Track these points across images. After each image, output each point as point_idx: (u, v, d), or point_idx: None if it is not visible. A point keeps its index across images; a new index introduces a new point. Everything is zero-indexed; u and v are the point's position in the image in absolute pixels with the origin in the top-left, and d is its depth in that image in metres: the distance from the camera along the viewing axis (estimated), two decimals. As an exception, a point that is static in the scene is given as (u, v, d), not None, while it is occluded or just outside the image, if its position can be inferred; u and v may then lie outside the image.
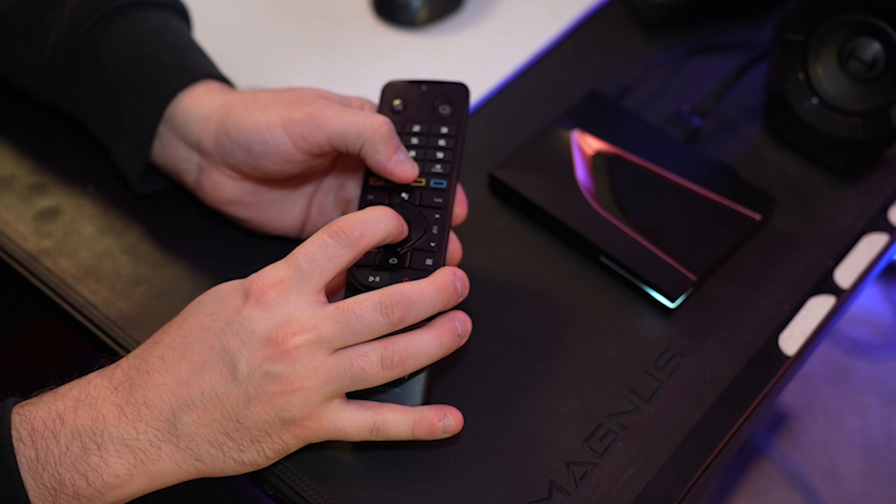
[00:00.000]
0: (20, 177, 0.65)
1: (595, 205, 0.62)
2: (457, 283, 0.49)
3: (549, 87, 0.72)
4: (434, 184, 0.54)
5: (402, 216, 0.51)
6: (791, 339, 0.60)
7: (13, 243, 0.61)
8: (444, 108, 0.56)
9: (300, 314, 0.47)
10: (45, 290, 0.60)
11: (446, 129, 0.55)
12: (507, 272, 0.62)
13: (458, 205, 0.56)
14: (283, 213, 0.59)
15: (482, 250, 0.62)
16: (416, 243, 0.52)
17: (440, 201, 0.53)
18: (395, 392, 0.51)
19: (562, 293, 0.61)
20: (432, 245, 0.52)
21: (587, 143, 0.66)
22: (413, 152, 0.55)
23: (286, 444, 0.48)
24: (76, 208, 0.63)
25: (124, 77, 0.58)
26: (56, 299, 0.59)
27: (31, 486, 0.45)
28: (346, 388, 0.47)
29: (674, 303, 0.59)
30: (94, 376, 0.48)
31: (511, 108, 0.71)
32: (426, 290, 0.48)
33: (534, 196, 0.63)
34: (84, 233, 0.62)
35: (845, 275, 0.63)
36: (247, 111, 0.54)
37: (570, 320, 0.59)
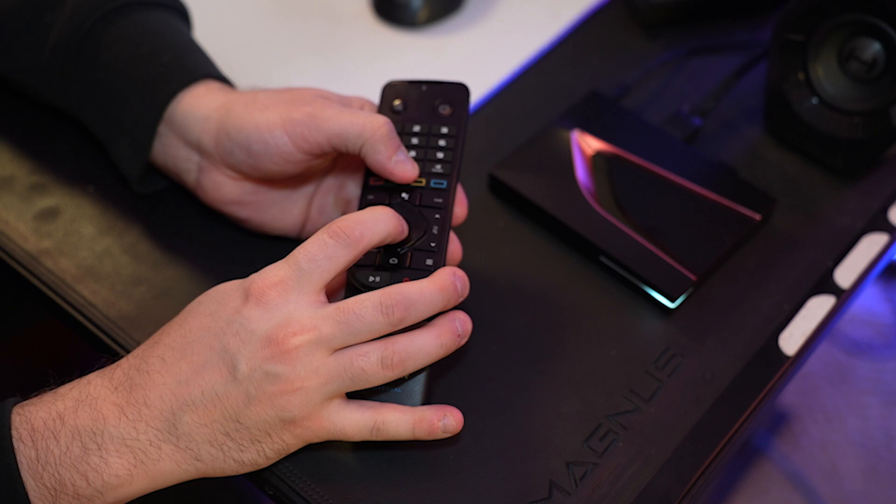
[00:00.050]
0: (20, 177, 0.65)
1: (595, 205, 0.62)
2: (457, 283, 0.49)
3: (549, 87, 0.72)
4: (434, 184, 0.54)
5: (403, 216, 0.51)
6: (791, 339, 0.60)
7: (13, 243, 0.61)
8: (444, 108, 0.56)
9: (300, 314, 0.47)
10: (45, 290, 0.60)
11: (446, 129, 0.55)
12: (507, 272, 0.62)
13: (458, 205, 0.56)
14: (283, 213, 0.59)
15: (482, 250, 0.62)
16: (417, 243, 0.52)
17: (440, 201, 0.53)
18: (395, 392, 0.51)
19: (562, 293, 0.61)
20: (432, 245, 0.52)
21: (587, 143, 0.66)
22: (413, 152, 0.55)
23: (286, 444, 0.48)
24: (76, 208, 0.63)
25: (124, 77, 0.58)
26: (56, 299, 0.59)
27: (32, 486, 0.45)
28: (347, 388, 0.47)
29: (674, 303, 0.59)
30: (94, 376, 0.48)
31: (511, 108, 0.71)
32: (426, 290, 0.48)
33: (534, 196, 0.63)
34: (84, 233, 0.62)
35: (845, 275, 0.63)
36: (247, 111, 0.54)
37: (570, 320, 0.59)
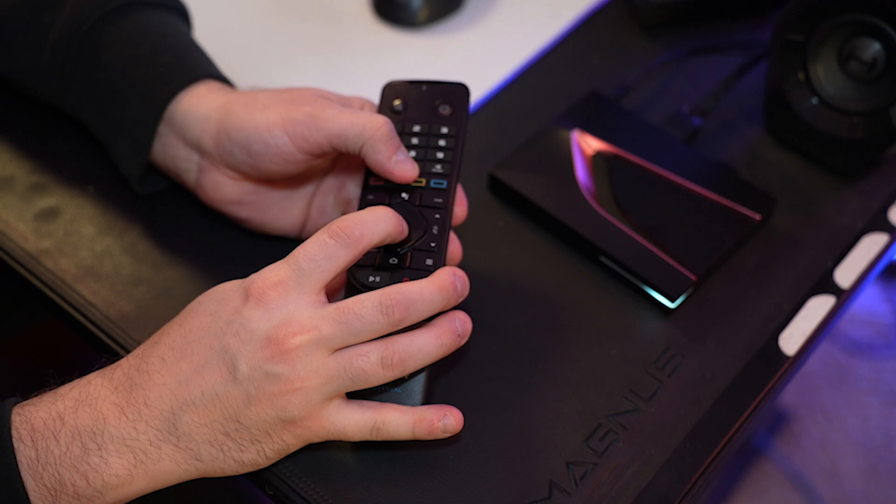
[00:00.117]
0: (20, 177, 0.65)
1: (595, 205, 0.62)
2: (457, 283, 0.49)
3: (549, 87, 0.72)
4: (434, 184, 0.54)
5: (402, 216, 0.51)
6: (791, 339, 0.60)
7: (13, 243, 0.61)
8: (444, 109, 0.56)
9: (300, 314, 0.47)
10: (45, 290, 0.60)
11: (446, 129, 0.55)
12: (507, 272, 0.62)
13: (458, 205, 0.56)
14: (283, 213, 0.59)
15: (482, 250, 0.62)
16: (416, 243, 0.52)
17: (440, 201, 0.53)
18: (395, 392, 0.51)
19: (562, 293, 0.61)
20: (432, 245, 0.52)
21: (587, 143, 0.66)
22: (413, 152, 0.55)
23: (286, 444, 0.48)
24: (76, 208, 0.63)
25: (124, 77, 0.58)
26: (56, 299, 0.59)
27: (32, 486, 0.45)
28: (347, 388, 0.47)
29: (674, 303, 0.59)
30: (94, 376, 0.48)
31: (511, 108, 0.71)
32: (426, 290, 0.48)
33: (534, 196, 0.63)
34: (84, 233, 0.62)
35: (845, 275, 0.63)
36: (247, 111, 0.54)
37: (570, 320, 0.59)
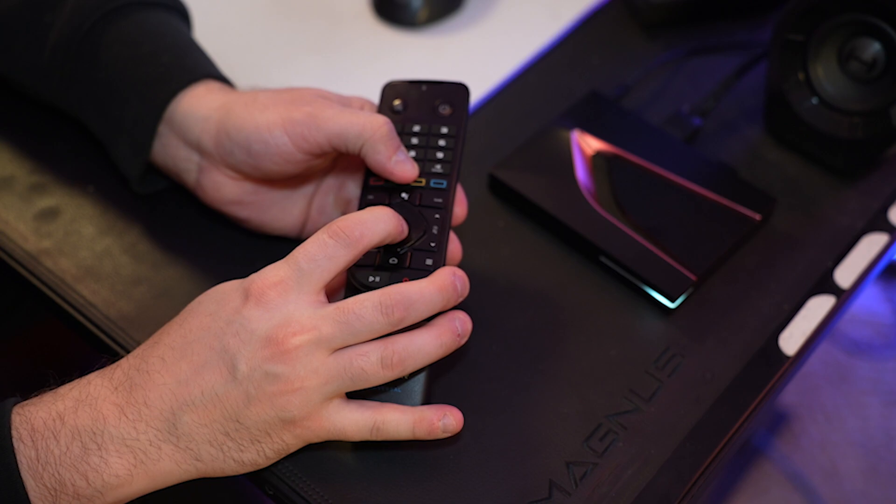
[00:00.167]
0: (20, 177, 0.65)
1: (595, 205, 0.62)
2: (457, 283, 0.49)
3: (549, 87, 0.72)
4: (434, 184, 0.54)
5: (402, 216, 0.51)
6: (791, 339, 0.60)
7: (13, 243, 0.61)
8: (444, 108, 0.56)
9: (300, 314, 0.47)
10: (45, 290, 0.60)
11: (446, 129, 0.55)
12: (507, 272, 0.62)
13: (458, 205, 0.56)
14: (283, 213, 0.59)
15: (482, 250, 0.62)
16: (416, 243, 0.52)
17: (440, 201, 0.53)
18: (395, 392, 0.51)
19: (562, 293, 0.61)
20: (432, 245, 0.52)
21: (587, 143, 0.66)
22: (413, 152, 0.55)
23: (286, 444, 0.48)
24: (76, 208, 0.63)
25: (124, 77, 0.58)
26: (56, 299, 0.59)
27: (32, 486, 0.45)
28: (346, 388, 0.47)
29: (674, 303, 0.59)
30: (94, 376, 0.48)
31: (511, 108, 0.71)
32: (426, 290, 0.48)
33: (534, 196, 0.63)
34: (84, 233, 0.62)
35: (845, 275, 0.63)
36: (247, 111, 0.54)
37: (570, 320, 0.59)
